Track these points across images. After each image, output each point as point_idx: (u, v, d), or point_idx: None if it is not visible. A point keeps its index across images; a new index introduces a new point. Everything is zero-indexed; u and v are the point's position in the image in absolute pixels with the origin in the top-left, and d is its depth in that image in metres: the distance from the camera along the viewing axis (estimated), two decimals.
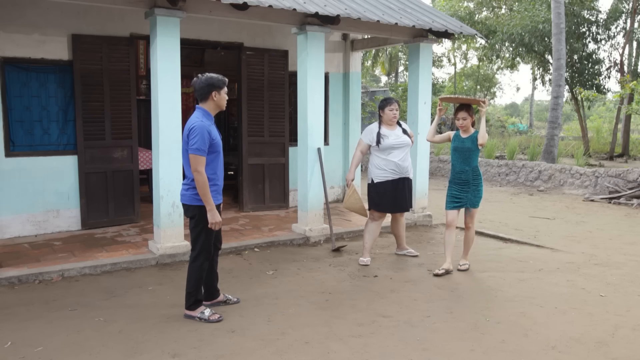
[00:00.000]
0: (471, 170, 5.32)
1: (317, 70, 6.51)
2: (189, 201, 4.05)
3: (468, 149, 5.29)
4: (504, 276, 5.31)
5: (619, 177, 10.45)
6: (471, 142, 5.28)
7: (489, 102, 5.49)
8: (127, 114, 6.89)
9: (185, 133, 3.97)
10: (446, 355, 3.57)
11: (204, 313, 4.09)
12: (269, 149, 8.12)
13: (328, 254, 6.10)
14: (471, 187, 5.34)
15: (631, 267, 5.69)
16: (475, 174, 5.33)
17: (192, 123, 3.96)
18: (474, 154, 5.31)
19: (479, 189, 5.38)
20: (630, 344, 3.77)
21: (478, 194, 5.38)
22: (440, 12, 8.09)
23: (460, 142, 5.35)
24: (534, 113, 42.35)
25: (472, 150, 5.29)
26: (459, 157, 5.35)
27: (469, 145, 5.28)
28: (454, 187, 5.40)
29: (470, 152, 5.30)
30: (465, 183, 5.34)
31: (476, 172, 5.35)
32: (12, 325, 3.98)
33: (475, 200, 5.38)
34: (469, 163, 5.31)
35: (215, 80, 4.03)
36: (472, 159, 5.32)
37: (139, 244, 6.07)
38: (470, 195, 5.35)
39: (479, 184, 5.38)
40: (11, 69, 6.25)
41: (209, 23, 7.14)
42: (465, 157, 5.31)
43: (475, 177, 5.34)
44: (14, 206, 6.33)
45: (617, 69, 18.52)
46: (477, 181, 5.35)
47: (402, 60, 32.31)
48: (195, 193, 3.99)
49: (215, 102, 4.06)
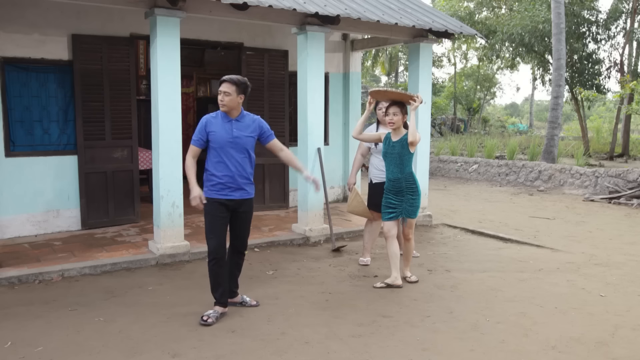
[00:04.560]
0: (404, 178, 4.83)
1: (317, 70, 6.51)
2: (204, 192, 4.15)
3: (398, 154, 4.80)
4: (504, 276, 5.31)
5: (619, 177, 10.45)
6: (401, 146, 4.78)
7: (422, 99, 5.13)
8: (127, 114, 6.89)
9: None
10: (446, 355, 3.57)
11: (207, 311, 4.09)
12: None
13: (328, 254, 6.10)
14: (406, 196, 4.85)
15: (631, 267, 5.69)
16: (409, 181, 4.84)
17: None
18: (406, 158, 4.81)
19: (415, 197, 4.88)
20: (630, 344, 3.77)
21: (414, 202, 4.89)
22: (440, 12, 8.09)
23: (390, 146, 4.87)
24: (534, 113, 42.39)
25: (404, 155, 4.79)
26: (390, 162, 4.87)
27: (399, 150, 4.79)
28: (389, 196, 4.93)
29: (401, 158, 4.80)
30: (399, 191, 4.86)
31: (410, 179, 4.85)
32: (12, 325, 3.98)
33: (411, 210, 4.90)
34: (402, 169, 4.82)
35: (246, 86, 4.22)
36: (404, 165, 4.82)
37: (139, 244, 6.07)
38: (406, 205, 4.87)
39: (415, 191, 4.88)
40: (11, 69, 6.25)
41: (209, 23, 7.14)
42: (397, 162, 4.81)
43: (409, 184, 4.84)
44: (14, 206, 6.33)
45: (617, 69, 18.52)
46: (412, 189, 4.86)
47: (402, 60, 32.33)
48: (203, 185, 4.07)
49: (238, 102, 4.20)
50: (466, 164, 13.94)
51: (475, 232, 7.23)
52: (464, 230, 7.39)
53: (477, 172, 13.48)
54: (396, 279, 4.89)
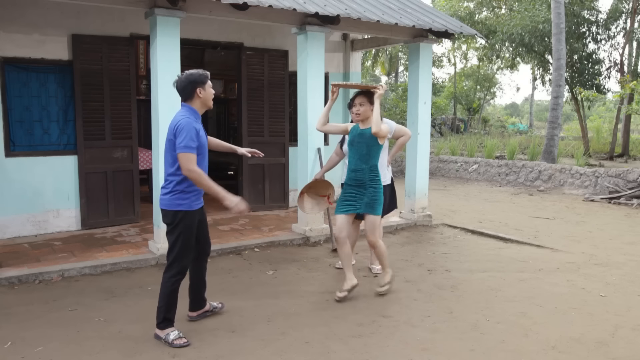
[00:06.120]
0: (368, 169, 4.46)
1: (317, 70, 6.51)
2: (168, 206, 3.67)
3: (366, 143, 4.44)
4: (504, 276, 5.31)
5: (619, 177, 10.45)
6: (370, 135, 4.42)
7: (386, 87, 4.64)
8: (127, 114, 6.89)
9: (171, 132, 3.60)
10: (446, 355, 3.57)
11: (168, 335, 3.67)
12: (269, 149, 8.10)
13: (328, 254, 6.10)
14: (368, 190, 4.47)
15: (631, 267, 5.69)
16: (372, 174, 4.48)
17: (177, 120, 3.60)
18: (374, 149, 4.45)
19: (378, 191, 4.50)
20: (630, 344, 3.77)
21: (376, 196, 4.49)
22: (440, 12, 8.09)
23: (357, 134, 4.51)
24: (534, 113, 42.42)
25: (372, 146, 4.43)
26: (355, 152, 4.50)
27: (367, 140, 4.43)
28: (347, 189, 4.58)
29: (368, 147, 4.44)
30: (360, 184, 4.48)
31: (374, 172, 4.49)
32: (12, 325, 3.98)
33: (373, 205, 4.49)
34: (367, 160, 4.46)
35: (196, 76, 3.66)
36: (370, 156, 4.47)
37: (139, 244, 6.07)
38: (366, 199, 4.48)
39: (378, 186, 4.50)
40: (11, 69, 6.25)
41: (209, 23, 7.14)
42: (362, 152, 4.46)
43: (372, 177, 4.48)
44: (14, 206, 6.33)
45: (617, 69, 18.51)
46: (375, 183, 4.49)
47: (402, 60, 32.35)
48: (175, 197, 3.64)
49: (201, 99, 3.69)
50: (466, 164, 13.94)
51: (475, 232, 7.23)
52: (464, 230, 7.39)
53: (477, 172, 13.48)
54: (350, 280, 4.56)
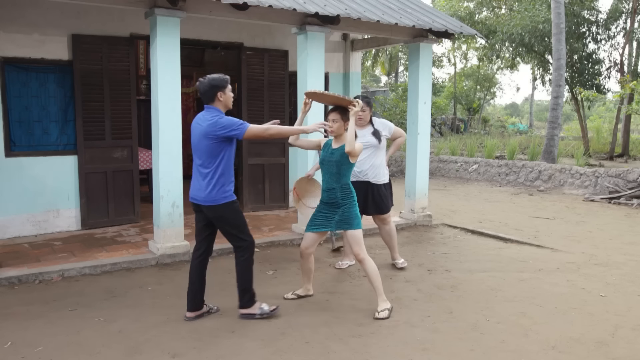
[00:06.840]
0: (340, 188, 4.30)
1: (317, 70, 6.51)
2: (215, 201, 3.92)
3: (337, 162, 4.26)
4: (504, 276, 5.31)
5: (619, 177, 10.45)
6: (340, 155, 4.24)
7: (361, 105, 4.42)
8: (127, 114, 6.89)
9: (207, 129, 3.87)
10: (446, 355, 3.57)
11: (262, 308, 4.13)
12: (269, 149, 8.12)
13: (328, 254, 6.10)
14: (340, 208, 4.32)
15: (631, 267, 5.69)
16: (345, 193, 4.31)
17: (209, 119, 3.89)
18: (344, 168, 4.28)
19: (350, 207, 4.33)
20: (630, 344, 3.77)
21: (350, 214, 4.32)
22: (440, 12, 8.09)
23: (328, 153, 4.34)
24: (534, 113, 42.41)
25: (342, 164, 4.26)
26: (326, 171, 4.36)
27: (338, 159, 4.25)
28: (321, 206, 4.44)
29: (339, 167, 4.27)
30: (332, 203, 4.33)
31: (346, 190, 4.32)
32: (12, 325, 3.98)
33: (347, 221, 4.33)
34: (338, 179, 4.29)
35: (218, 81, 3.94)
36: (341, 175, 4.29)
37: (139, 244, 6.07)
38: (337, 217, 4.33)
39: (350, 202, 4.33)
40: (11, 69, 6.25)
41: (209, 23, 7.14)
42: (333, 172, 4.29)
43: (344, 196, 4.31)
44: (14, 206, 6.33)
45: (617, 69, 18.51)
46: (347, 200, 4.32)
47: (402, 60, 32.34)
48: (221, 191, 3.91)
49: (222, 103, 3.98)
50: (466, 164, 13.94)
51: (475, 232, 7.23)
52: (464, 230, 7.39)
53: (477, 172, 13.48)
54: (306, 290, 4.67)
